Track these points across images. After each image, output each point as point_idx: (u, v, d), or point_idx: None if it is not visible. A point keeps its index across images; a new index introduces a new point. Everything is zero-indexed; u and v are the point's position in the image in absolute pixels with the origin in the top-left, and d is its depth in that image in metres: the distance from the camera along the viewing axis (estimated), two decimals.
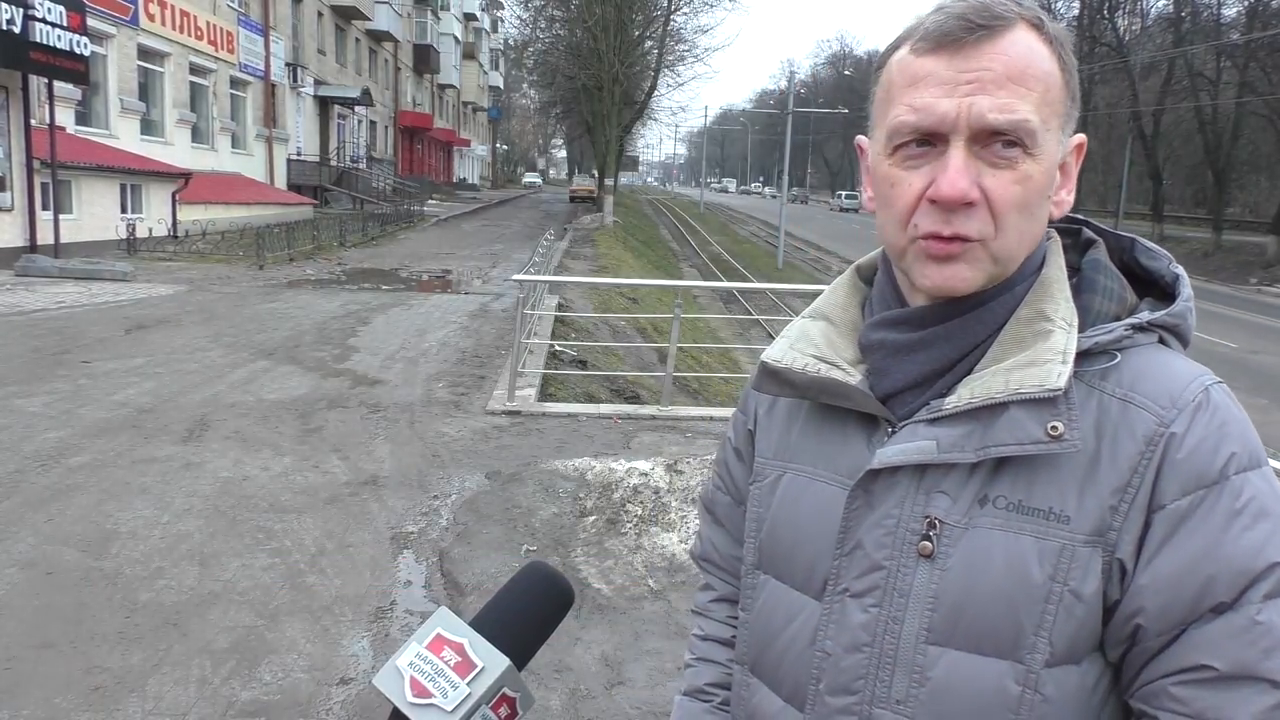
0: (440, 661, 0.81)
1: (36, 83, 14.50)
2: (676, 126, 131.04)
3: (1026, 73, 0.81)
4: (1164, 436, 0.78)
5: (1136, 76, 41.86)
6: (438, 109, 54.87)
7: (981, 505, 0.82)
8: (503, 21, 67.16)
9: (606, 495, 5.12)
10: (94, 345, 8.75)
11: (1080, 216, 0.94)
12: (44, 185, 14.45)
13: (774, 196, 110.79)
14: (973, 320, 0.86)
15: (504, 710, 0.82)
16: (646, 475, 5.36)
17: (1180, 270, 0.88)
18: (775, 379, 0.95)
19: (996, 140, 0.80)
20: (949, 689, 0.82)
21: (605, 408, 7.49)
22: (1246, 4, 37.55)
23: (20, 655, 3.36)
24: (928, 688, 0.83)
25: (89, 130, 17.86)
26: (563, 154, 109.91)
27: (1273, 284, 31.73)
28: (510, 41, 61.35)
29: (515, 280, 8.10)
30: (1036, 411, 0.79)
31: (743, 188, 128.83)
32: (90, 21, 15.63)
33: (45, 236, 14.46)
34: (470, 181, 64.40)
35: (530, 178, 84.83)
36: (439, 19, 50.93)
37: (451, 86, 58.03)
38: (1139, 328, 0.83)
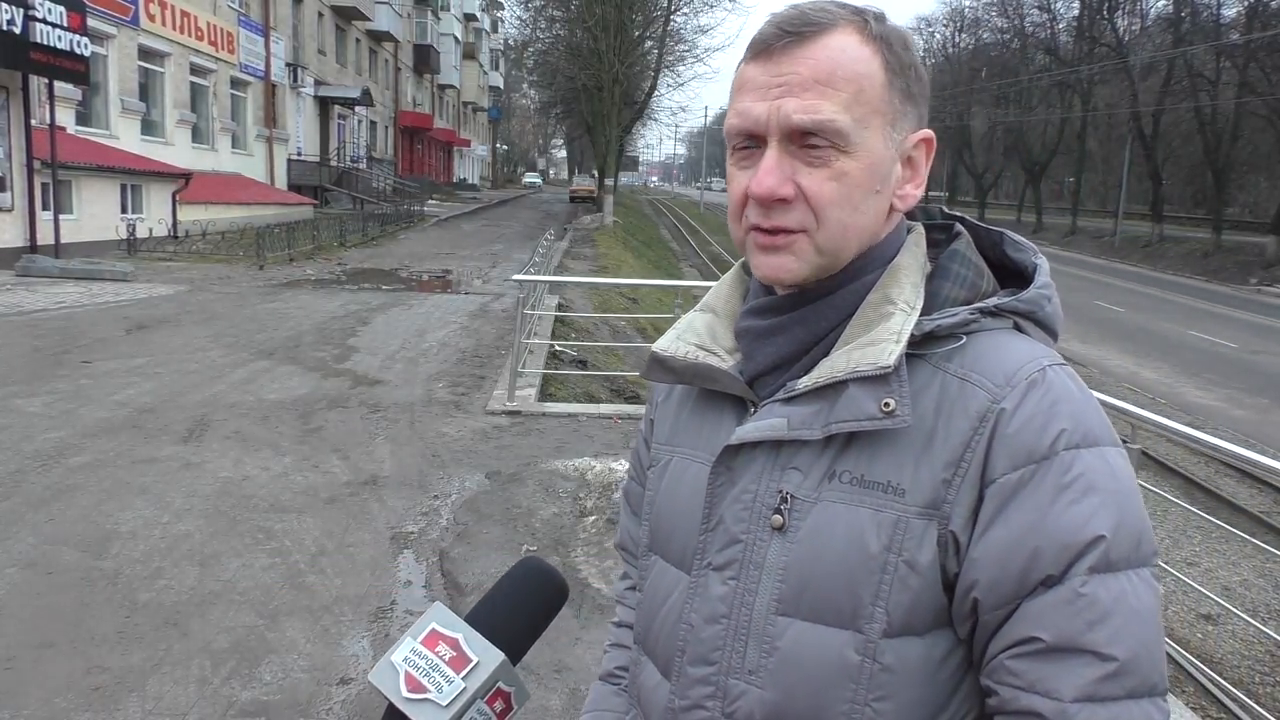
0: (435, 656, 0.81)
1: (37, 83, 14.50)
2: (676, 126, 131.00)
3: (835, 74, 0.85)
4: (995, 412, 0.81)
5: (1136, 76, 41.86)
6: (438, 109, 54.86)
7: (830, 480, 0.85)
8: (503, 21, 67.14)
9: (606, 495, 5.12)
10: (94, 345, 8.75)
11: (956, 213, 0.99)
12: (44, 185, 14.45)
13: None
14: (824, 306, 0.90)
15: (499, 705, 0.82)
16: None
17: (1041, 260, 0.92)
18: (660, 366, 1.00)
19: (808, 139, 0.85)
20: (795, 659, 0.85)
21: (605, 408, 7.49)
22: (1246, 4, 37.53)
23: (20, 655, 3.36)
24: (775, 657, 0.86)
25: (89, 130, 17.85)
26: (563, 154, 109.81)
27: (1273, 284, 31.72)
28: (510, 41, 61.38)
29: (515, 280, 8.11)
30: (872, 389, 0.83)
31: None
32: (90, 22, 15.62)
33: (45, 237, 14.46)
34: (470, 181, 64.38)
35: (530, 178, 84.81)
36: (439, 19, 50.92)
37: (451, 86, 58.03)
38: (986, 312, 0.86)
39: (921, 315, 0.86)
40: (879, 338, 0.84)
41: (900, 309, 0.86)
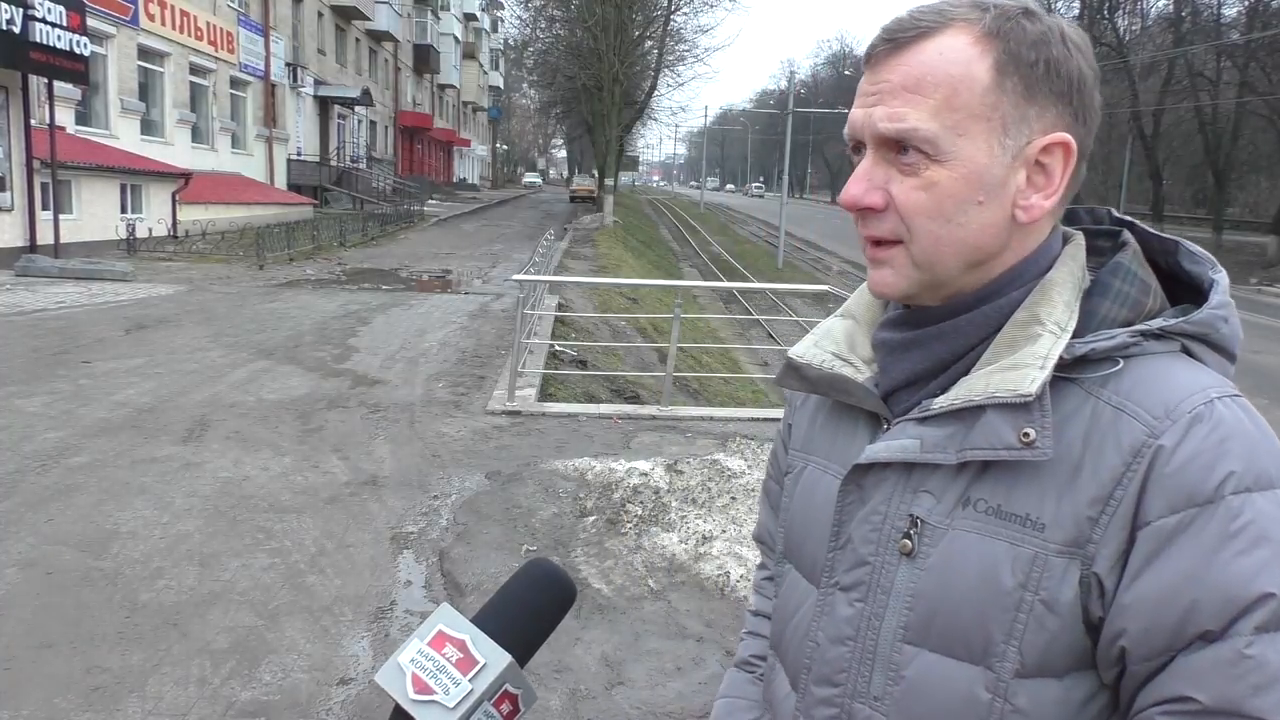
0: (442, 658, 0.81)
1: (36, 83, 14.50)
2: (676, 126, 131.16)
3: (924, 80, 0.81)
4: (1151, 449, 0.74)
5: (1136, 76, 41.85)
6: (438, 109, 54.86)
7: (963, 507, 0.81)
8: (503, 21, 67.18)
9: (606, 495, 5.12)
10: (94, 345, 8.75)
11: (1128, 218, 0.90)
12: (44, 185, 14.45)
13: (756, 194, 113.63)
14: (964, 322, 0.85)
15: (506, 707, 0.82)
16: (646, 475, 5.36)
17: (1220, 276, 0.83)
18: (795, 374, 0.97)
19: (901, 148, 0.82)
20: (922, 690, 0.82)
21: (605, 408, 7.49)
22: (1246, 4, 37.55)
23: (20, 655, 3.36)
24: (902, 686, 0.83)
25: (89, 130, 17.86)
26: (563, 154, 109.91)
27: (1273, 284, 31.74)
28: (510, 41, 61.41)
29: (515, 280, 8.11)
30: (1012, 416, 0.78)
31: (729, 187, 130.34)
32: (90, 21, 15.63)
33: (45, 236, 14.46)
34: (470, 181, 64.39)
35: (530, 178, 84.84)
36: (439, 19, 50.93)
37: (451, 86, 58.03)
38: (1150, 334, 0.79)
39: (1075, 337, 0.80)
40: (1023, 361, 0.79)
41: (1049, 330, 0.80)
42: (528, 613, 0.88)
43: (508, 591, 0.90)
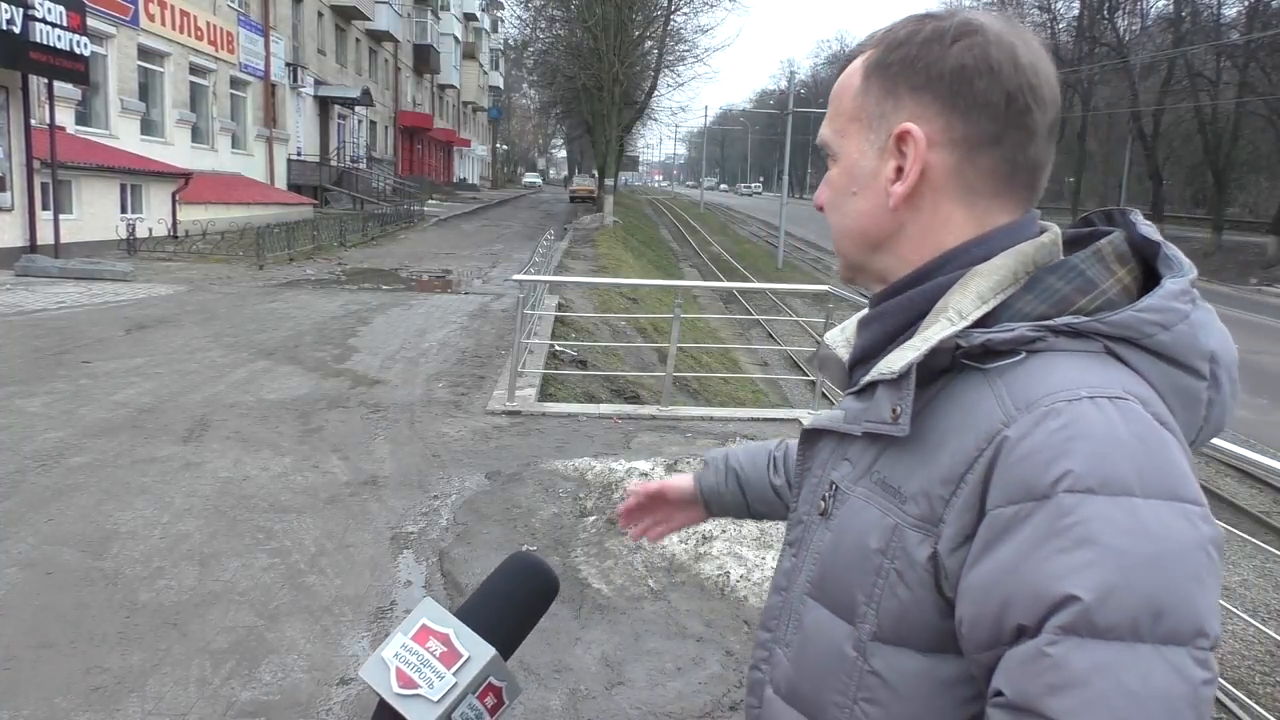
0: (426, 652, 0.82)
1: (36, 83, 14.50)
2: (676, 126, 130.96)
3: (833, 97, 0.94)
4: (999, 437, 0.75)
5: (1136, 76, 41.85)
6: (438, 109, 54.86)
7: (865, 477, 0.87)
8: (503, 21, 67.16)
9: (606, 495, 5.12)
10: (94, 345, 8.75)
11: (1137, 220, 0.89)
12: (44, 185, 14.45)
13: (744, 193, 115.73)
14: (894, 305, 0.90)
15: (490, 699, 0.82)
16: (647, 475, 5.36)
17: (1170, 281, 0.81)
18: (818, 359, 1.06)
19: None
20: (812, 639, 0.89)
21: (605, 408, 7.49)
22: (1246, 4, 37.55)
23: (20, 655, 3.36)
24: (800, 635, 0.91)
25: (89, 130, 17.86)
26: (563, 154, 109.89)
27: (1273, 284, 31.73)
28: (510, 41, 61.39)
29: (515, 280, 8.10)
30: (889, 393, 0.84)
31: (722, 186, 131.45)
32: (90, 21, 15.63)
33: (45, 236, 14.46)
34: (470, 181, 64.39)
35: (530, 178, 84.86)
36: (439, 19, 50.92)
37: (451, 86, 58.02)
38: (1058, 330, 0.79)
39: (985, 327, 0.81)
40: (915, 344, 0.83)
41: (947, 317, 0.83)
42: (510, 605, 0.89)
43: (490, 585, 0.91)
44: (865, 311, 0.96)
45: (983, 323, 0.82)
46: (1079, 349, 0.79)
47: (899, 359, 0.83)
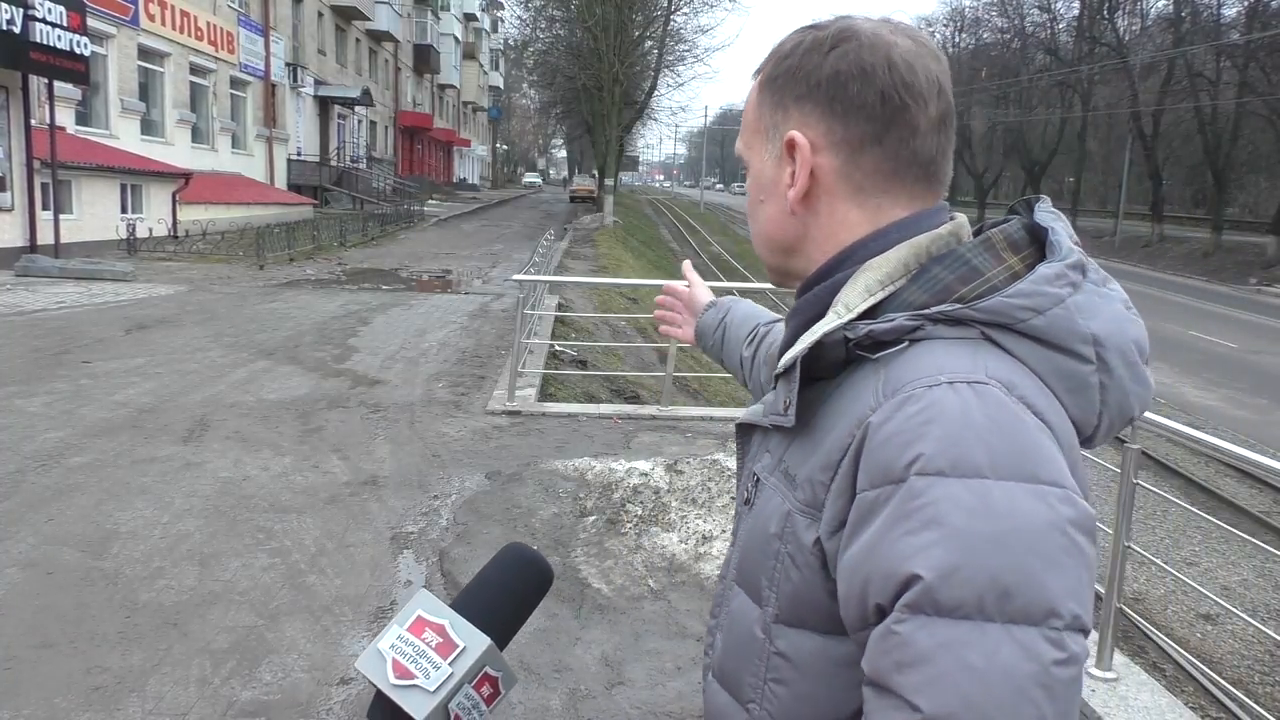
0: (422, 643, 0.82)
1: (36, 83, 14.50)
2: (676, 126, 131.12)
3: (743, 113, 0.99)
4: (865, 424, 0.77)
5: (1136, 76, 41.87)
6: (438, 109, 54.85)
7: (778, 466, 0.90)
8: (503, 21, 67.14)
9: (606, 495, 5.12)
10: (94, 345, 8.75)
11: (1037, 199, 0.91)
12: (44, 185, 14.45)
13: (740, 191, 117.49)
14: (803, 302, 0.93)
15: (486, 689, 0.83)
16: (646, 475, 5.36)
17: (1043, 266, 0.81)
18: (765, 355, 1.14)
19: None
20: (733, 622, 0.93)
21: (605, 408, 7.49)
22: (1246, 4, 37.55)
23: (20, 655, 3.36)
24: (728, 619, 0.95)
25: (89, 130, 17.85)
26: (563, 154, 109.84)
27: (1273, 284, 31.73)
28: (510, 41, 61.34)
29: (515, 280, 8.10)
30: (783, 386, 0.88)
31: (719, 186, 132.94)
32: (90, 21, 15.62)
33: (45, 236, 14.46)
34: (470, 181, 64.38)
35: (530, 178, 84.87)
36: (439, 19, 50.91)
37: (451, 86, 58.02)
38: (935, 318, 0.80)
39: (872, 318, 0.83)
40: (805, 338, 0.86)
41: (835, 311, 0.85)
42: (505, 596, 0.90)
43: (485, 576, 0.91)
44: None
45: (872, 314, 0.84)
46: (956, 336, 0.80)
47: (789, 354, 0.87)
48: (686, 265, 1.75)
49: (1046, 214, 0.88)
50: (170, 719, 3.03)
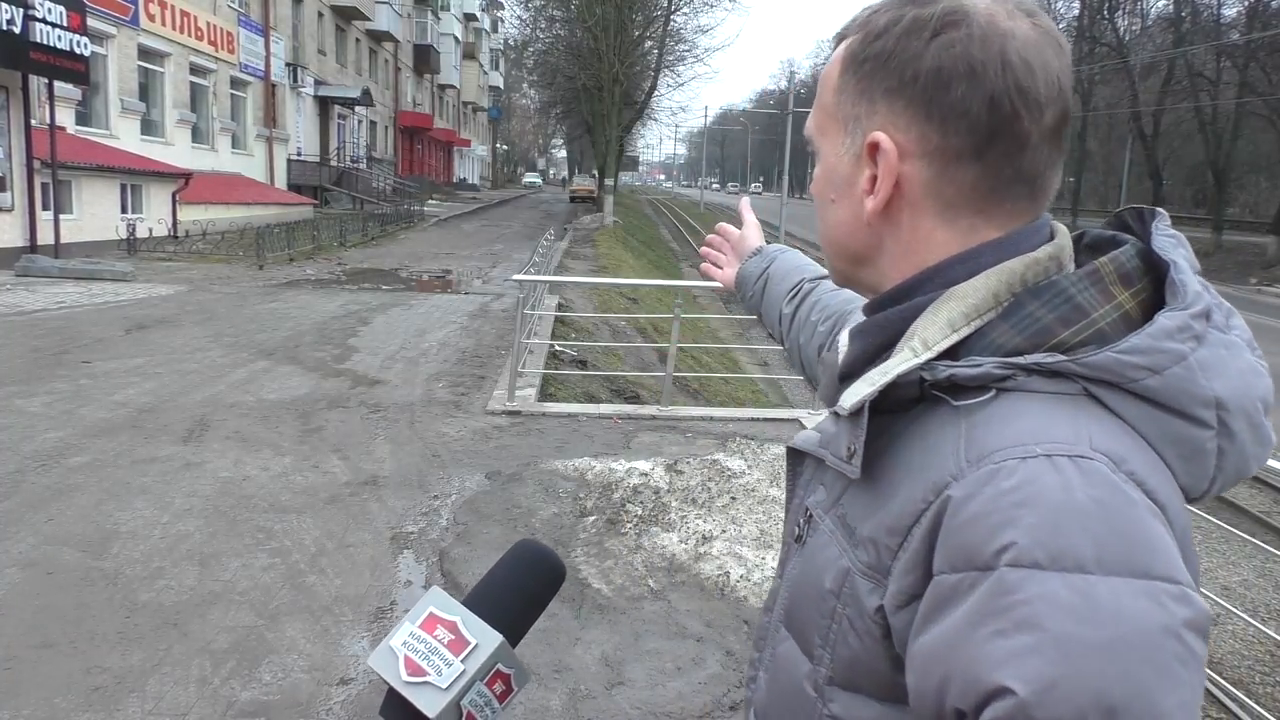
0: (434, 640, 0.82)
1: (36, 83, 14.50)
2: (676, 126, 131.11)
3: (819, 85, 0.85)
4: (945, 495, 0.66)
5: (1136, 76, 41.88)
6: (438, 109, 54.86)
7: (835, 506, 0.80)
8: (503, 21, 67.19)
9: (606, 495, 5.12)
10: (94, 345, 8.75)
11: (1156, 214, 0.78)
12: (44, 185, 14.45)
13: (732, 191, 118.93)
14: (871, 324, 0.82)
15: (499, 686, 0.83)
16: (646, 475, 5.37)
17: (1163, 317, 0.69)
18: (821, 362, 1.04)
19: None
20: (781, 669, 0.84)
21: (605, 408, 7.49)
22: (1246, 4, 37.58)
23: (20, 655, 3.36)
24: (774, 663, 0.86)
25: (89, 130, 17.86)
26: (563, 154, 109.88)
27: (1273, 284, 31.74)
28: (510, 41, 61.42)
29: (515, 280, 8.10)
30: (850, 427, 0.76)
31: (714, 185, 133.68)
32: (90, 21, 15.63)
33: (45, 236, 14.47)
34: (470, 181, 64.40)
35: (530, 178, 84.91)
36: (439, 19, 50.93)
37: (451, 86, 58.03)
38: (1026, 369, 0.69)
39: (954, 359, 0.72)
40: (873, 376, 0.75)
41: (910, 347, 0.74)
42: (517, 593, 0.90)
43: (497, 573, 0.91)
44: (859, 320, 0.87)
45: (955, 351, 0.73)
46: (1054, 390, 0.69)
47: (855, 392, 0.75)
48: (744, 202, 1.56)
49: (1166, 239, 0.75)
50: (170, 719, 3.03)
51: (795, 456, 0.90)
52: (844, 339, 0.88)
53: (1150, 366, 0.67)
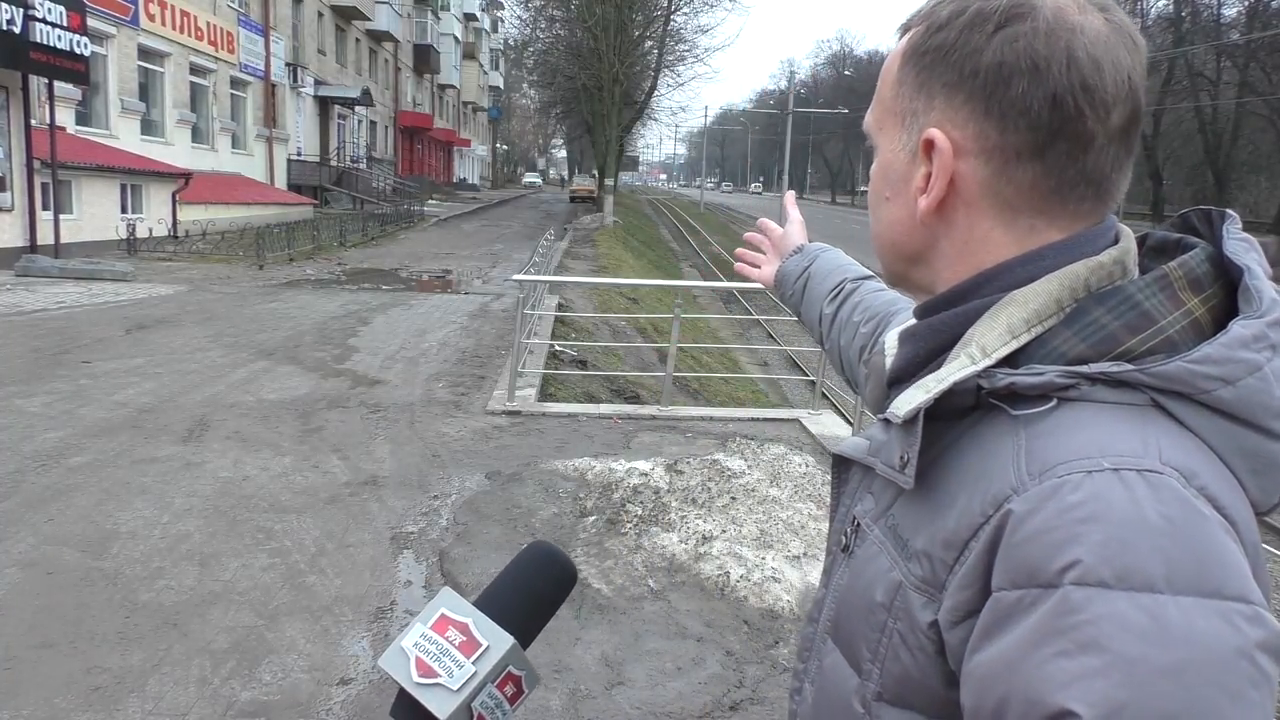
0: (445, 641, 0.82)
1: (36, 83, 14.50)
2: (676, 126, 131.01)
3: (879, 79, 0.82)
4: (1005, 508, 0.64)
5: None
6: (438, 109, 54.87)
7: (884, 516, 0.77)
8: (503, 21, 67.20)
9: (606, 495, 5.12)
10: (94, 345, 8.75)
11: (1226, 216, 0.76)
12: (44, 185, 14.46)
13: (729, 190, 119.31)
14: (924, 327, 0.80)
15: (510, 688, 0.83)
16: (646, 475, 5.37)
17: (1238, 326, 0.66)
18: (867, 365, 0.99)
19: None
20: (828, 683, 0.82)
21: (605, 408, 7.49)
22: (1246, 4, 37.58)
23: (20, 655, 3.36)
24: (820, 676, 0.83)
25: (89, 130, 17.86)
26: (563, 154, 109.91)
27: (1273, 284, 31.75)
28: (510, 41, 61.46)
29: (515, 280, 8.10)
30: (903, 436, 0.73)
31: (710, 185, 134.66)
32: (90, 21, 15.63)
33: (45, 236, 14.47)
34: (470, 181, 64.42)
35: (530, 178, 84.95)
36: (439, 19, 50.93)
37: (451, 86, 58.04)
38: (1090, 378, 0.66)
39: (1013, 366, 0.70)
40: (929, 382, 0.72)
41: (967, 353, 0.71)
42: (529, 595, 0.89)
43: (509, 574, 0.91)
44: (910, 323, 0.84)
45: (1014, 358, 0.70)
46: (1119, 400, 0.66)
47: (909, 400, 0.72)
48: (789, 197, 1.50)
49: (1238, 243, 0.72)
50: (170, 719, 3.03)
51: (841, 464, 0.88)
52: (890, 341, 0.86)
53: (1224, 377, 0.64)
